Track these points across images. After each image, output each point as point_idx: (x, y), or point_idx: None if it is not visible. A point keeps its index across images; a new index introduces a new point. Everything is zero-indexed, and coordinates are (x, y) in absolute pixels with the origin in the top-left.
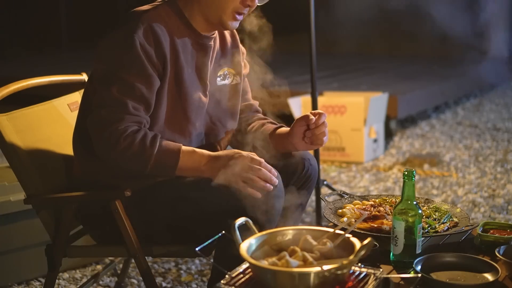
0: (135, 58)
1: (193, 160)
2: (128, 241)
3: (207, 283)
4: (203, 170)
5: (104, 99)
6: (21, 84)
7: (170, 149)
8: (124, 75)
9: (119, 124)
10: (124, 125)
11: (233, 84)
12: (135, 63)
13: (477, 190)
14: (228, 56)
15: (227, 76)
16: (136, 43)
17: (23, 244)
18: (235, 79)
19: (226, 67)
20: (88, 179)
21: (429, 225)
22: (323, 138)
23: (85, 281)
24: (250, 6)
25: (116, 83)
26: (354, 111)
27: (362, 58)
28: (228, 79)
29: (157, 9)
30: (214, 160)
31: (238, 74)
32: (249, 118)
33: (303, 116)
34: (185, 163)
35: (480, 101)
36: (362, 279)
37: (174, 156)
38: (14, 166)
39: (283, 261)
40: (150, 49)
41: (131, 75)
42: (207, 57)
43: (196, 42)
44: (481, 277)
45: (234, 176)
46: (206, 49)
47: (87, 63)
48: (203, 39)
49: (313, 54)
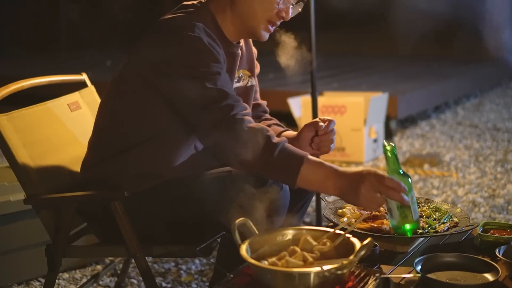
0: (209, 52)
1: (318, 172)
2: (128, 241)
3: (207, 283)
4: (328, 188)
5: (203, 98)
6: (21, 84)
7: (295, 152)
8: (206, 67)
9: (233, 112)
10: (240, 115)
11: (249, 86)
12: (211, 54)
13: (477, 190)
14: (244, 58)
15: (242, 78)
16: (204, 40)
17: (23, 244)
18: (250, 81)
19: (242, 69)
20: (96, 179)
21: (429, 225)
22: (330, 145)
23: (85, 281)
24: (283, 18)
25: (204, 76)
26: (354, 111)
27: (362, 58)
28: (243, 81)
29: (199, 14)
30: (341, 176)
31: (253, 76)
32: (256, 118)
33: (312, 122)
34: (309, 172)
35: (480, 101)
36: (362, 279)
37: (298, 159)
38: (14, 166)
39: (283, 261)
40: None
41: (212, 66)
42: (235, 65)
43: (226, 50)
44: (481, 277)
45: (362, 197)
46: (234, 57)
47: (87, 63)
48: (233, 48)
49: (313, 54)
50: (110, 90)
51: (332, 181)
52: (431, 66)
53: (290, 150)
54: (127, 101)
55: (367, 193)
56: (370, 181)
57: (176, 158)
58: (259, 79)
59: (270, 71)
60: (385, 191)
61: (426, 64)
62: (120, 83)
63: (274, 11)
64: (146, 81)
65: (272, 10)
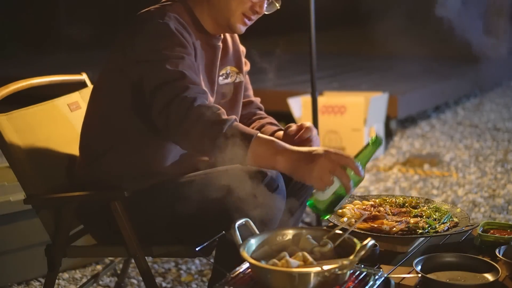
0: (175, 36)
1: (268, 147)
2: (128, 241)
3: (207, 283)
4: (277, 160)
5: (160, 77)
6: (21, 84)
7: (246, 130)
8: (169, 50)
9: (187, 92)
10: (192, 94)
11: (237, 83)
12: (176, 39)
13: (477, 190)
14: (230, 55)
15: (229, 75)
16: (171, 26)
17: (23, 244)
18: (238, 78)
19: (229, 66)
20: (90, 179)
21: (429, 225)
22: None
23: (85, 281)
24: (258, 13)
25: (166, 59)
26: (354, 111)
27: (362, 58)
28: (231, 78)
29: (173, 6)
30: (293, 152)
31: (241, 72)
32: (250, 115)
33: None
34: (259, 148)
35: (480, 101)
36: (362, 279)
37: (247, 137)
38: (14, 166)
39: (283, 261)
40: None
41: (176, 50)
42: (216, 57)
43: (205, 42)
44: (481, 277)
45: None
46: (215, 50)
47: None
48: (212, 40)
49: (313, 54)
50: (95, 88)
51: (282, 156)
52: (431, 66)
53: (241, 127)
54: (110, 97)
55: (321, 170)
56: (328, 158)
57: (165, 154)
58: (259, 79)
59: (270, 71)
60: (339, 172)
61: (426, 64)
62: (101, 81)
63: (247, 5)
64: (121, 72)
65: (245, 3)
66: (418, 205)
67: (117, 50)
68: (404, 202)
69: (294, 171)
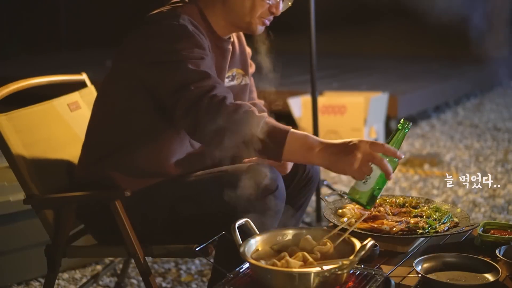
0: (194, 37)
1: (304, 142)
2: (128, 241)
3: (207, 283)
4: (314, 155)
5: (184, 77)
6: (21, 84)
7: (279, 126)
8: (189, 51)
9: (215, 91)
10: (221, 93)
11: (242, 85)
12: (195, 40)
13: (478, 190)
14: (236, 57)
15: (235, 77)
16: (189, 27)
17: (23, 244)
18: (244, 80)
19: (235, 68)
20: (92, 179)
21: (430, 225)
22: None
23: (85, 281)
24: (274, 14)
25: (187, 59)
26: (354, 111)
27: (362, 58)
28: (237, 80)
29: (184, 8)
30: (329, 146)
31: (247, 74)
32: None
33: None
34: (295, 143)
35: (480, 101)
36: (362, 279)
37: (282, 133)
38: (13, 166)
39: (283, 261)
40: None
41: (195, 51)
42: (225, 60)
43: (215, 44)
44: (482, 278)
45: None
46: (224, 53)
47: (87, 63)
48: (223, 43)
49: (313, 54)
50: (101, 90)
51: (319, 150)
52: (431, 66)
53: (274, 123)
54: (116, 99)
55: (360, 160)
56: (365, 147)
57: (170, 155)
58: (258, 79)
59: (270, 71)
60: (379, 160)
61: (426, 64)
62: (109, 82)
63: (265, 7)
64: (133, 75)
65: (263, 6)
66: (418, 205)
67: (129, 52)
68: (404, 202)
69: (332, 164)
